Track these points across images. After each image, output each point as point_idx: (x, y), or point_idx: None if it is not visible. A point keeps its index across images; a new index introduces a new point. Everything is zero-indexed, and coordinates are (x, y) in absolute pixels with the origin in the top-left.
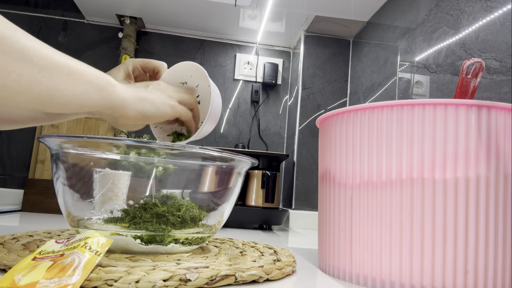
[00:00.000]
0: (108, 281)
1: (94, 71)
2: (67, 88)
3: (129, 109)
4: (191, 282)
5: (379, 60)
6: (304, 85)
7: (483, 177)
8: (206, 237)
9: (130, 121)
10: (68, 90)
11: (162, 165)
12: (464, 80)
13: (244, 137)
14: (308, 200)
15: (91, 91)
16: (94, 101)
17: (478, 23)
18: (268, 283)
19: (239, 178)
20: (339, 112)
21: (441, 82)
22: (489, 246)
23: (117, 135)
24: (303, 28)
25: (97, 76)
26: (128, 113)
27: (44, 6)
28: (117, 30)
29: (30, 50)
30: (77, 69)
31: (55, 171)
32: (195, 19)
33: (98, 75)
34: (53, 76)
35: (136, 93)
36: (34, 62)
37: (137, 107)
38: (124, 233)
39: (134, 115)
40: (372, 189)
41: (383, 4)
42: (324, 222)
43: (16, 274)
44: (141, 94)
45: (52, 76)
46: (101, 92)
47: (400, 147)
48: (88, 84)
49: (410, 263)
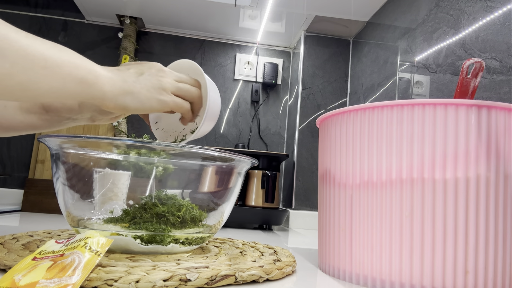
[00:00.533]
0: (108, 281)
1: (76, 61)
2: (43, 81)
3: (109, 102)
4: (191, 282)
5: (379, 60)
6: (304, 85)
7: (483, 177)
8: (206, 237)
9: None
10: (44, 83)
11: (162, 165)
12: (464, 80)
13: (244, 137)
14: (308, 200)
15: (69, 84)
16: (72, 93)
17: (478, 23)
18: (268, 283)
19: (239, 178)
20: (339, 112)
21: (441, 82)
22: (489, 246)
23: (117, 135)
24: (303, 28)
25: (78, 66)
26: (107, 105)
27: (44, 6)
28: (117, 30)
29: (2, 43)
30: (55, 61)
31: (55, 171)
32: (195, 19)
33: (80, 66)
34: (27, 70)
35: (121, 85)
36: (6, 56)
37: (117, 100)
38: (124, 233)
39: (114, 108)
40: (372, 189)
41: (383, 4)
42: (324, 222)
43: (16, 274)
44: (127, 86)
45: (25, 70)
46: (80, 85)
47: (400, 147)
48: (66, 77)
49: (410, 263)
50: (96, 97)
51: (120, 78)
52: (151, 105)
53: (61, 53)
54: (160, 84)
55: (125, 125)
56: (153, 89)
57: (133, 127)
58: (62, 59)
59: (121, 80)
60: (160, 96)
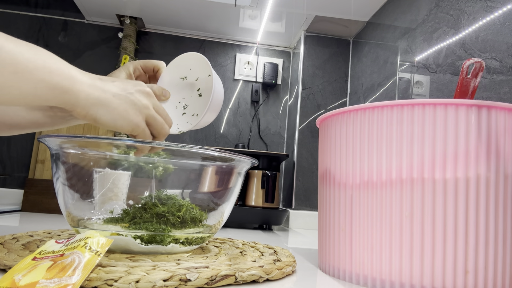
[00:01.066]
0: (108, 281)
1: (52, 66)
2: (13, 86)
3: (80, 109)
4: (191, 282)
5: (379, 60)
6: (304, 85)
7: (483, 177)
8: (206, 237)
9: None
10: (14, 88)
11: (162, 165)
12: (464, 80)
13: (244, 137)
14: (308, 200)
15: (40, 90)
16: (44, 98)
17: (478, 23)
18: (268, 283)
19: (239, 178)
20: (339, 112)
21: (441, 82)
22: (489, 246)
23: (117, 135)
24: (303, 28)
25: (52, 72)
26: (78, 113)
27: (44, 6)
28: (117, 30)
29: None
30: (26, 66)
31: (55, 171)
32: (195, 19)
33: (55, 71)
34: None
35: (98, 95)
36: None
37: (90, 110)
38: (124, 233)
39: (84, 117)
40: (372, 189)
41: (383, 4)
42: (324, 222)
43: (16, 274)
44: (104, 97)
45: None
46: (52, 91)
47: (400, 147)
48: (38, 83)
49: (410, 263)
50: (68, 103)
51: (99, 87)
52: (122, 125)
53: (36, 57)
54: (138, 106)
55: None
56: (130, 109)
57: None
58: (35, 64)
59: (100, 90)
60: (134, 119)
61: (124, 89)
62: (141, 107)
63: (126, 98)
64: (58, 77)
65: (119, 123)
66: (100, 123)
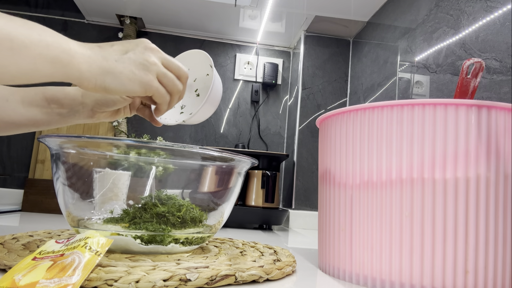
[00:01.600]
0: (108, 281)
1: (48, 39)
2: (11, 63)
3: (87, 82)
4: (191, 282)
5: (379, 60)
6: (304, 85)
7: (483, 177)
8: (206, 237)
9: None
10: (12, 65)
11: (162, 165)
12: (464, 80)
13: (244, 137)
14: (308, 200)
15: (40, 65)
16: (45, 74)
17: (478, 23)
18: (268, 283)
19: (239, 178)
20: (339, 112)
21: (441, 82)
22: (489, 246)
23: (117, 135)
24: (303, 28)
25: (49, 46)
26: (86, 86)
27: (44, 6)
28: (117, 30)
29: None
30: (22, 41)
31: (55, 171)
32: (195, 19)
33: (52, 44)
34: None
35: (100, 64)
36: None
37: (97, 81)
38: (124, 233)
39: (93, 89)
40: (372, 189)
41: (383, 4)
42: (324, 222)
43: (16, 274)
44: (107, 65)
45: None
46: (52, 65)
47: (400, 147)
48: (36, 57)
49: (410, 263)
50: (72, 77)
51: (100, 56)
52: (133, 88)
53: (31, 32)
54: (145, 65)
55: (125, 125)
56: (137, 70)
57: (133, 127)
58: (31, 38)
59: (101, 59)
60: (143, 78)
61: (125, 50)
62: (148, 65)
63: (129, 60)
64: (56, 49)
65: (129, 87)
66: (110, 91)
